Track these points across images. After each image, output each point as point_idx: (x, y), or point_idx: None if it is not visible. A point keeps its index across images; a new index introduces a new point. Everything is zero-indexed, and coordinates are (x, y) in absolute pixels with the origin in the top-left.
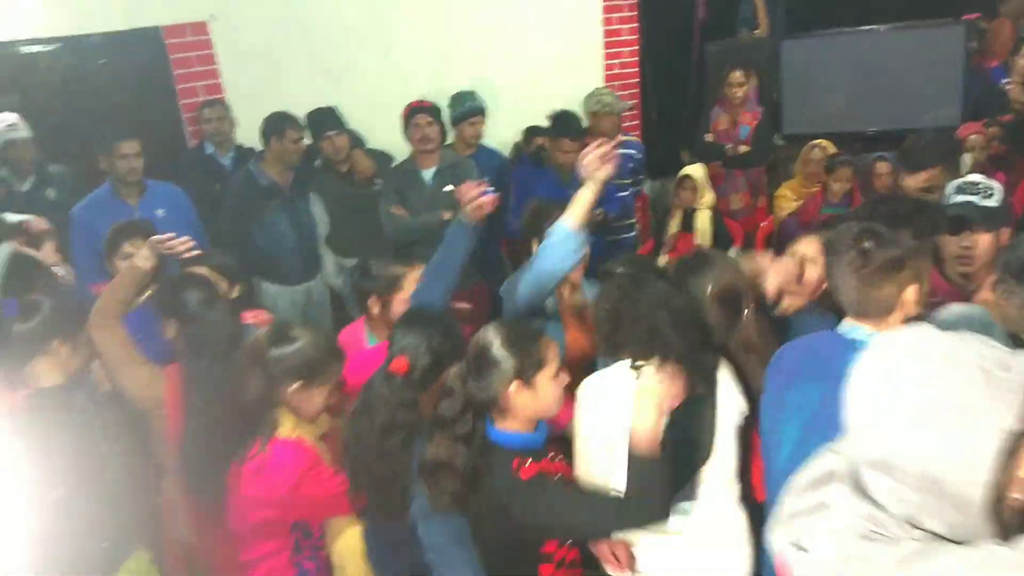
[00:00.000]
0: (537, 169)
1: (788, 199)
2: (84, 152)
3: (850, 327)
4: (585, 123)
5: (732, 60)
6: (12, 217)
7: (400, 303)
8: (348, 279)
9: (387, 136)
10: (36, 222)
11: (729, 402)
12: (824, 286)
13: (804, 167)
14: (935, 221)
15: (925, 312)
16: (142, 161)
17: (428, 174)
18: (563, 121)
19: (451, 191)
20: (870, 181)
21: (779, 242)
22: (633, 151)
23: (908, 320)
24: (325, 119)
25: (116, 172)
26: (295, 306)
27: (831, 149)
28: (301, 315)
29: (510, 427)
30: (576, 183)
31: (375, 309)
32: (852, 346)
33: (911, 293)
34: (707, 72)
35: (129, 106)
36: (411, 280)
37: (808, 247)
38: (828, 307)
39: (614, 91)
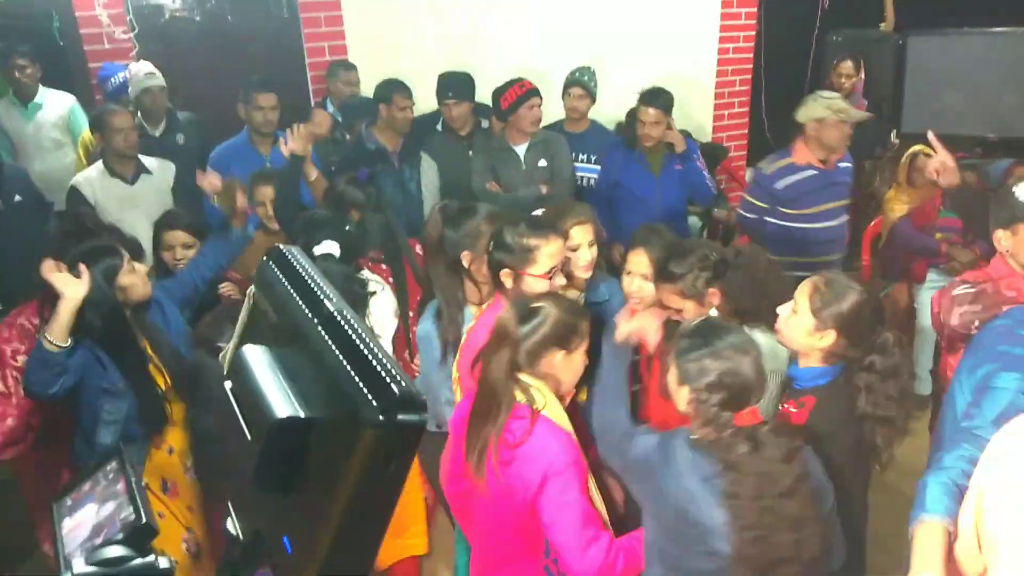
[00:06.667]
0: (626, 152)
1: (901, 202)
2: (217, 101)
3: None
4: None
5: (853, 51)
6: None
7: (533, 280)
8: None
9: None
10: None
11: None
12: None
13: (916, 175)
14: None
15: None
16: (277, 114)
17: (521, 149)
18: (650, 93)
19: (545, 166)
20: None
21: (890, 243)
22: (849, 164)
23: None
24: (449, 84)
25: (252, 122)
26: None
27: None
28: None
29: None
30: (668, 170)
31: (508, 283)
32: None
33: None
34: (826, 62)
35: (260, 60)
36: (546, 254)
37: None
38: None
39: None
